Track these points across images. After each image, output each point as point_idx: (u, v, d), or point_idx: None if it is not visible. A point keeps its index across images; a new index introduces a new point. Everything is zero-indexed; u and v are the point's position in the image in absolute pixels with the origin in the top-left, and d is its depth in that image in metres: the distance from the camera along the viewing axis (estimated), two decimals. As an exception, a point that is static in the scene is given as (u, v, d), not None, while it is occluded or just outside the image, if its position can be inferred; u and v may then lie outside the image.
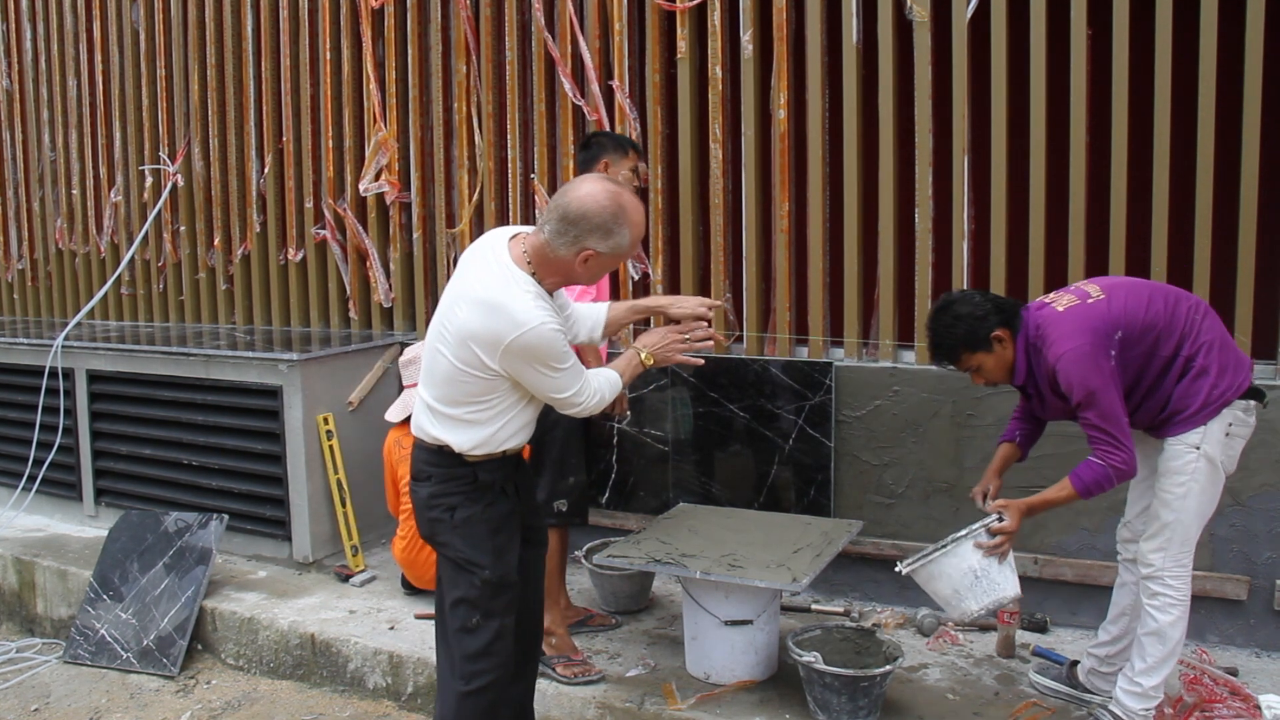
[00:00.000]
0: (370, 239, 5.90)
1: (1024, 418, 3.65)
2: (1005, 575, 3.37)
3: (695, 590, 3.86)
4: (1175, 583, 3.28)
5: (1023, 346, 3.34)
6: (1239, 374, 3.27)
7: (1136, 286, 3.34)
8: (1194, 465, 3.22)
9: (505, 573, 3.07)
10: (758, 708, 3.72)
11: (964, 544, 3.37)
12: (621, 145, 4.15)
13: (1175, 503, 3.25)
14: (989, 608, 3.38)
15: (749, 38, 4.80)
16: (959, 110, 4.44)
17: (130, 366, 5.76)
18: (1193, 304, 3.31)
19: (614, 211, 2.86)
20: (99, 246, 7.09)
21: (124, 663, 4.68)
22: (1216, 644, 4.12)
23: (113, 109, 6.95)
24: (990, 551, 3.33)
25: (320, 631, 4.50)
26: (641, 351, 3.19)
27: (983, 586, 3.36)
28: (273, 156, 6.23)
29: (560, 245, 2.88)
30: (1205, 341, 3.24)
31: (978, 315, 3.32)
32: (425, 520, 3.09)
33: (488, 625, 3.04)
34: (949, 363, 3.43)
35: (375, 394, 5.50)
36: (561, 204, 2.88)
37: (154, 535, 5.06)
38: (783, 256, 4.82)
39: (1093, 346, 3.16)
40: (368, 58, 5.81)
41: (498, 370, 2.88)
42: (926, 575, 3.45)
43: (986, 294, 3.43)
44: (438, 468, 3.04)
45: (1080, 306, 3.27)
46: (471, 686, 3.03)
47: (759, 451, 4.76)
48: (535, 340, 2.83)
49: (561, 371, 2.92)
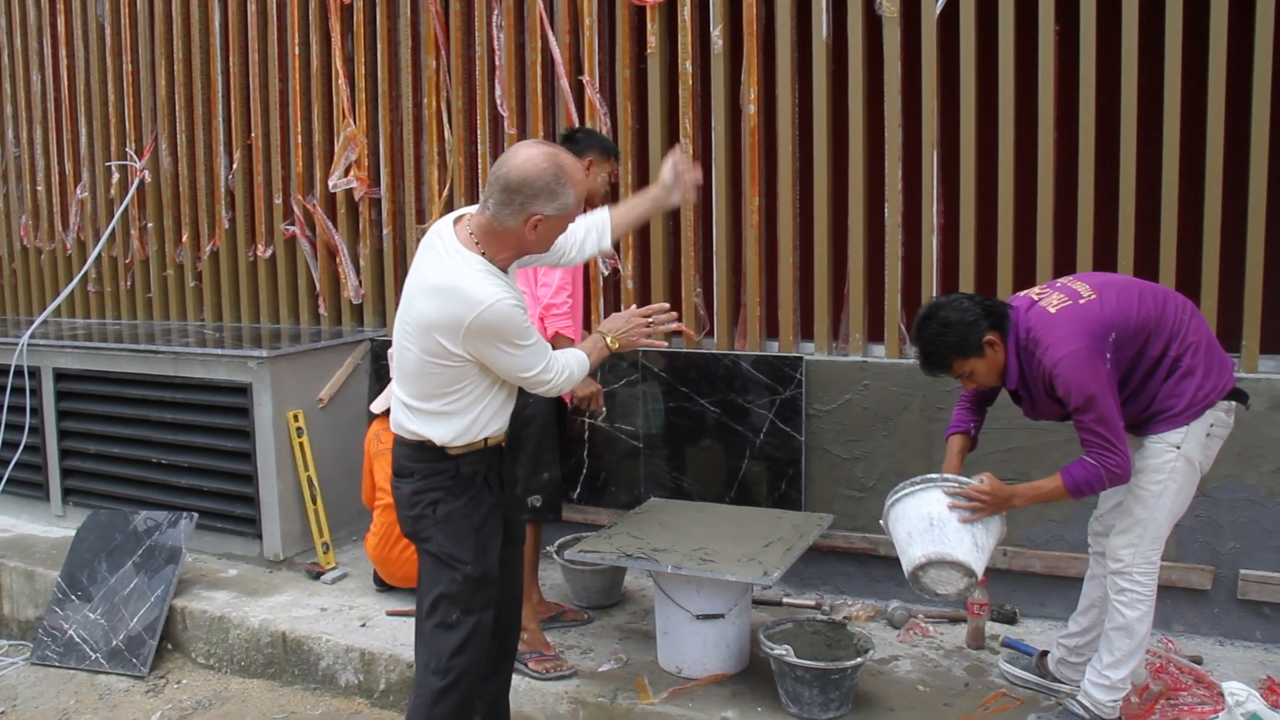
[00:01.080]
0: (340, 235, 5.87)
1: (973, 407, 3.63)
2: (962, 538, 3.29)
3: (667, 585, 3.87)
4: (1143, 579, 3.30)
5: (1013, 349, 3.29)
6: (1223, 375, 3.28)
7: (1127, 285, 3.31)
8: (1173, 465, 3.24)
9: (487, 569, 3.06)
10: (729, 701, 3.74)
11: (933, 489, 3.35)
12: (608, 150, 4.15)
13: (1150, 500, 3.26)
14: (932, 559, 3.28)
15: (719, 33, 4.80)
16: (928, 105, 4.46)
17: (98, 364, 5.71)
18: (1179, 303, 3.31)
19: (555, 173, 2.84)
20: (65, 243, 7.03)
21: (93, 663, 4.64)
22: (1182, 633, 4.16)
23: (78, 104, 6.88)
24: (954, 505, 3.31)
25: (291, 629, 4.48)
26: (607, 336, 3.19)
27: (932, 536, 3.30)
28: (241, 152, 6.19)
29: (507, 216, 2.86)
30: (1193, 342, 3.24)
31: (968, 321, 3.26)
32: (408, 517, 3.08)
33: (466, 621, 3.04)
34: (941, 371, 3.36)
35: (345, 390, 5.48)
36: (501, 174, 2.85)
37: (123, 534, 5.02)
38: (753, 251, 4.84)
39: (1089, 350, 3.13)
40: (337, 53, 5.78)
41: (463, 355, 2.87)
42: (894, 516, 3.42)
43: (973, 297, 3.37)
44: (420, 463, 3.03)
45: (1073, 307, 3.23)
46: (447, 681, 3.03)
47: (730, 446, 4.77)
48: (494, 318, 2.81)
49: (525, 348, 2.91)
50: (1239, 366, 4.08)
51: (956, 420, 3.65)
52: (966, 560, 3.27)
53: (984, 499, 3.30)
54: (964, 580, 3.32)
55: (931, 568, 3.32)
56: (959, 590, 3.35)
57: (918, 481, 3.38)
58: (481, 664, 3.12)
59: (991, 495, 3.30)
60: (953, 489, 3.33)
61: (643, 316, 3.23)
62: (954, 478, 3.36)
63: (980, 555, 3.31)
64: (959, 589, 3.34)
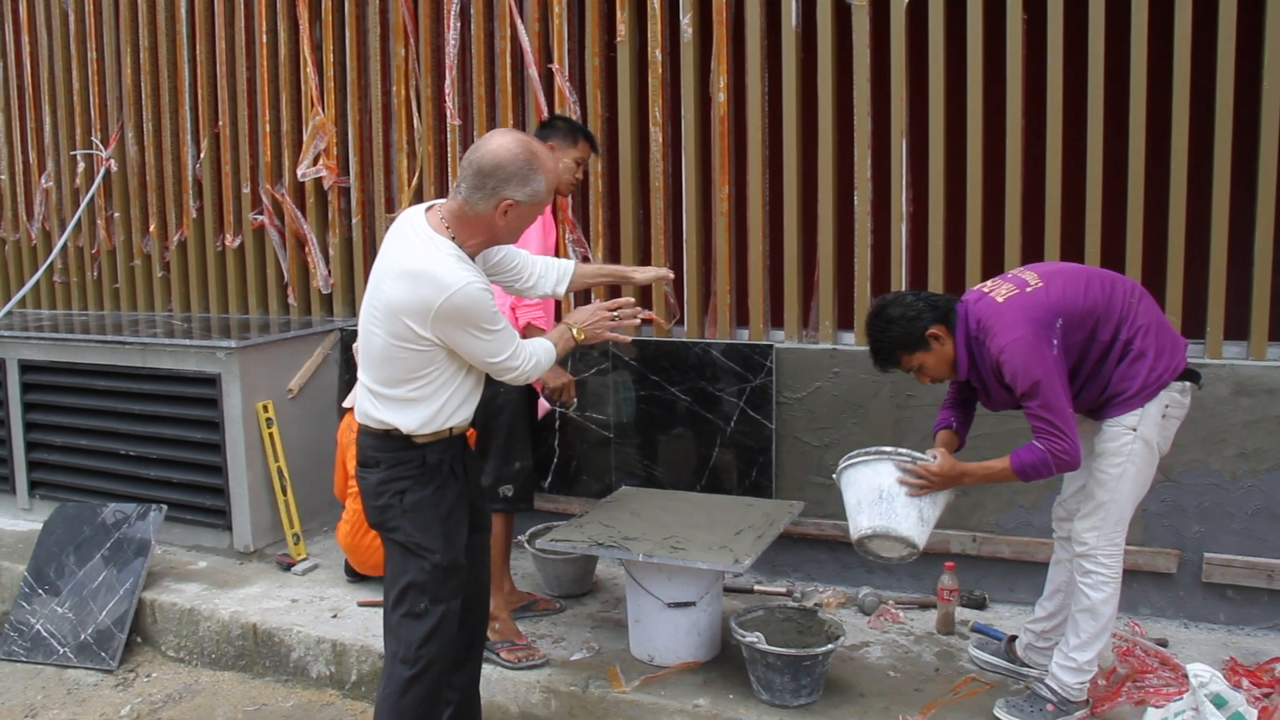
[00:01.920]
0: (309, 224, 5.84)
1: (955, 405, 3.67)
2: (909, 513, 3.36)
3: (638, 573, 3.88)
4: (1108, 561, 3.34)
5: (963, 340, 3.35)
6: (1175, 356, 3.32)
7: (1074, 272, 3.37)
8: (1130, 447, 3.28)
9: (455, 557, 3.07)
10: (701, 689, 3.75)
11: (886, 461, 3.40)
12: (572, 133, 4.13)
13: (1111, 483, 3.30)
14: (877, 531, 3.36)
15: (689, 21, 4.80)
16: (897, 94, 4.47)
17: (64, 356, 5.66)
18: (1128, 287, 3.35)
19: (526, 158, 2.87)
20: (30, 234, 6.96)
21: (61, 658, 4.61)
22: (1148, 616, 4.21)
23: (42, 92, 6.80)
24: (903, 479, 3.36)
25: (262, 621, 4.47)
26: (573, 328, 3.21)
27: (880, 509, 3.36)
28: (209, 141, 6.14)
29: (479, 200, 2.88)
30: (1142, 324, 3.28)
31: (910, 315, 3.34)
32: (374, 507, 3.07)
33: (434, 610, 3.04)
34: (890, 365, 3.45)
35: (315, 381, 5.45)
36: (474, 160, 2.88)
37: (91, 527, 4.98)
38: (723, 239, 4.84)
39: (1035, 336, 3.18)
40: (305, 41, 5.74)
41: (431, 339, 2.87)
42: (846, 480, 3.48)
43: (919, 293, 3.45)
44: (385, 452, 3.03)
45: (1020, 296, 3.28)
46: (416, 670, 3.03)
47: (701, 434, 4.78)
48: (463, 301, 2.82)
49: (494, 334, 2.92)
50: (1204, 353, 4.12)
51: (941, 419, 3.69)
52: (910, 535, 3.36)
53: (933, 479, 3.36)
54: (906, 549, 3.42)
55: (879, 538, 3.41)
56: (900, 557, 3.46)
57: (872, 451, 3.43)
58: (450, 653, 3.13)
59: (941, 475, 3.36)
60: (905, 464, 3.38)
61: (608, 310, 3.25)
62: (908, 452, 3.40)
63: (924, 529, 3.40)
64: (900, 555, 3.45)
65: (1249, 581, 4.06)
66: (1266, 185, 4.00)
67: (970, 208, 4.40)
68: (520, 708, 3.85)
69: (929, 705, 3.58)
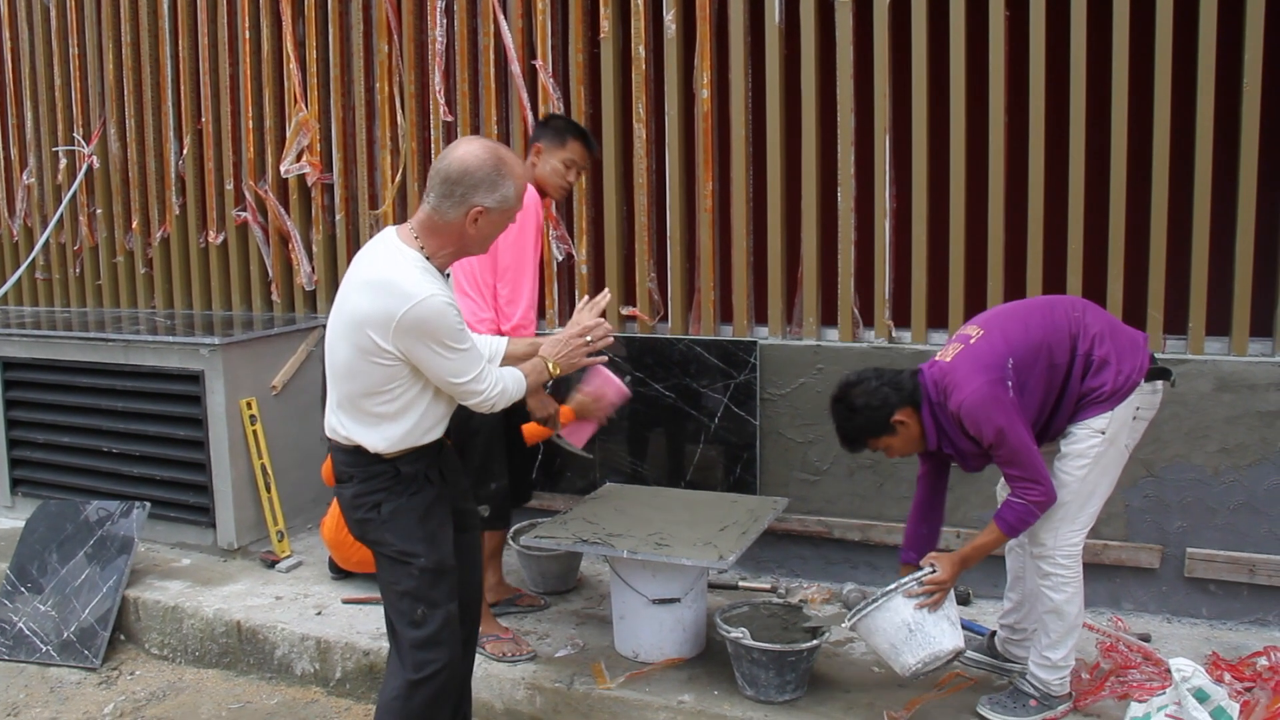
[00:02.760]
0: (292, 221, 5.82)
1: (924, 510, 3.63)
2: (941, 628, 3.34)
3: (623, 569, 3.88)
4: (1066, 561, 3.34)
5: (928, 413, 3.35)
6: (1137, 355, 3.32)
7: (1011, 312, 3.41)
8: (1097, 450, 3.28)
9: (442, 559, 3.03)
10: (686, 685, 3.76)
11: (895, 597, 3.36)
12: (561, 132, 3.98)
13: (1073, 484, 3.30)
14: (926, 662, 3.35)
15: (672, 18, 4.80)
16: (880, 90, 4.48)
17: (46, 353, 5.63)
18: (1068, 304, 3.39)
19: (494, 164, 2.84)
20: (11, 230, 6.92)
21: (43, 656, 4.59)
22: (1131, 611, 4.23)
23: (23, 88, 6.76)
24: (921, 604, 3.34)
25: (246, 619, 4.46)
26: (548, 361, 3.14)
27: (917, 640, 3.34)
28: (191, 137, 6.12)
29: (448, 208, 2.85)
30: (1095, 333, 3.30)
31: (873, 405, 3.33)
32: (354, 521, 3.05)
33: (434, 614, 3.00)
34: (858, 449, 3.46)
35: (299, 378, 5.44)
36: (442, 168, 2.85)
37: (74, 525, 4.96)
38: (707, 235, 4.85)
39: (989, 383, 3.19)
40: (288, 36, 5.71)
41: (393, 353, 2.81)
42: (865, 630, 3.44)
43: (883, 374, 3.39)
44: (357, 467, 2.99)
45: (965, 350, 3.30)
46: (422, 674, 2.99)
47: (685, 430, 4.78)
48: (426, 313, 2.76)
49: (458, 353, 2.85)
50: (1185, 349, 4.14)
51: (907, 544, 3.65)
52: (957, 646, 3.36)
53: (941, 585, 3.35)
54: (953, 654, 3.40)
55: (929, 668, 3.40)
56: (951, 660, 3.43)
57: (878, 596, 3.38)
58: (455, 654, 3.09)
59: (949, 577, 3.36)
60: (912, 589, 3.36)
61: (579, 336, 3.17)
62: (908, 579, 3.37)
63: (958, 628, 3.39)
64: (950, 660, 3.42)
65: (1231, 576, 4.08)
66: (1247, 182, 4.03)
67: (953, 204, 4.41)
68: (505, 704, 3.85)
69: (913, 701, 3.59)
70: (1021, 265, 4.32)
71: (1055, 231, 4.27)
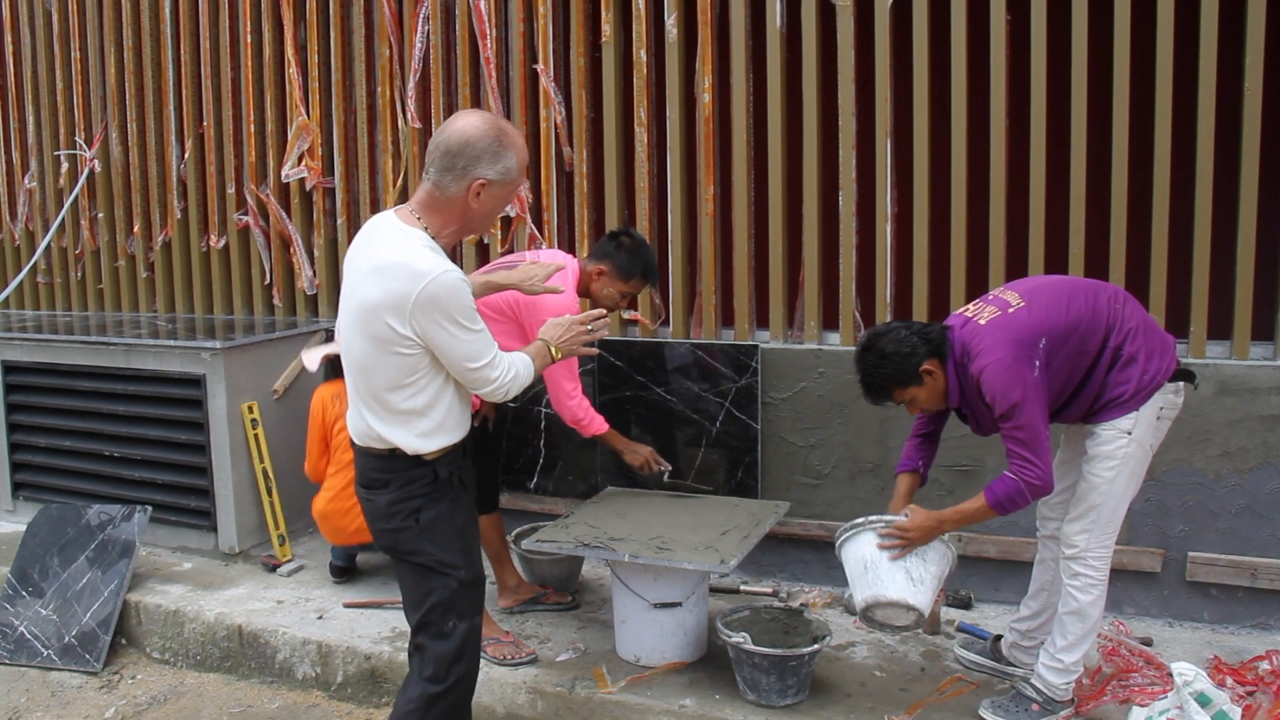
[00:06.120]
0: (293, 225, 5.82)
1: (922, 437, 3.65)
2: (895, 576, 3.33)
3: (624, 573, 3.88)
4: (1097, 563, 3.34)
5: (953, 369, 3.33)
6: (1165, 357, 3.31)
7: (1056, 288, 3.35)
8: (1125, 450, 3.26)
9: (479, 571, 2.99)
10: (688, 689, 3.75)
11: (865, 532, 3.39)
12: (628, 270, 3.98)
13: (1104, 486, 3.29)
14: (869, 603, 3.36)
15: (673, 21, 4.80)
16: (881, 94, 4.48)
17: (48, 357, 5.63)
18: (1111, 293, 3.35)
19: (496, 135, 2.79)
20: (13, 234, 6.92)
21: (45, 660, 4.58)
22: (1133, 615, 4.22)
23: (25, 92, 6.77)
24: (882, 545, 3.36)
25: (248, 622, 4.45)
26: (550, 345, 3.11)
27: (867, 580, 3.35)
28: (193, 141, 6.12)
29: (449, 182, 2.79)
30: (1130, 328, 3.27)
31: (904, 352, 3.30)
32: (385, 530, 2.94)
33: (460, 626, 2.95)
34: (883, 400, 3.41)
35: (300, 382, 5.43)
36: (441, 141, 2.79)
37: (75, 528, 4.96)
38: (708, 239, 4.85)
39: (1015, 358, 3.17)
40: (289, 41, 5.72)
41: (412, 338, 2.74)
42: (842, 558, 3.48)
43: (911, 324, 3.40)
44: (394, 472, 2.90)
45: (1002, 318, 3.27)
46: (445, 686, 2.94)
47: (686, 434, 4.78)
48: (440, 289, 2.70)
49: (473, 334, 2.80)
50: (1187, 352, 4.13)
51: (906, 458, 3.67)
52: (901, 598, 3.32)
53: (910, 534, 3.35)
54: (911, 615, 3.37)
55: (877, 608, 3.39)
56: (909, 623, 3.42)
57: (850, 527, 3.42)
58: (478, 665, 3.07)
59: (915, 528, 3.34)
60: (881, 529, 3.37)
61: (581, 324, 3.17)
62: (882, 517, 3.39)
63: (917, 588, 3.34)
64: (909, 622, 3.41)
65: (1233, 580, 4.08)
66: (1248, 185, 4.02)
67: (955, 208, 4.41)
68: (506, 708, 3.84)
69: (915, 705, 3.59)
70: (1023, 269, 4.32)
71: (1056, 235, 4.26)
